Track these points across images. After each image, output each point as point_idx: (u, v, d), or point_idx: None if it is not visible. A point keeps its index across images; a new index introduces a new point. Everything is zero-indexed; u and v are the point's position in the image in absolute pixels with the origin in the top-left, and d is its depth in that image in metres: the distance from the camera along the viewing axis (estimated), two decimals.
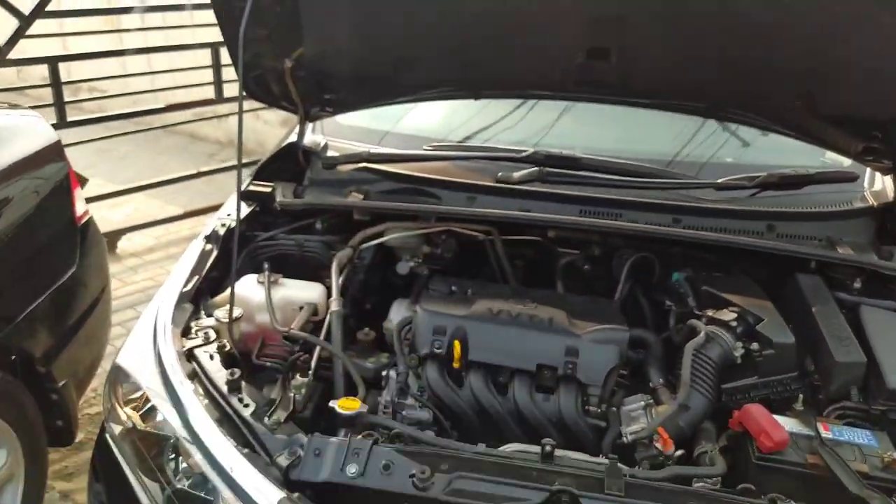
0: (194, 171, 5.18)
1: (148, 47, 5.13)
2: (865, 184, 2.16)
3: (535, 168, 2.07)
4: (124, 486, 1.53)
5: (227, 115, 5.73)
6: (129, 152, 6.28)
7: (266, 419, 1.44)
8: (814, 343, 1.72)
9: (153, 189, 5.10)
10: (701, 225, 1.98)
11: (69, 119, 4.27)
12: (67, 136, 4.32)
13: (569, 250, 2.19)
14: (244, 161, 1.78)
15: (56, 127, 4.21)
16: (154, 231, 5.02)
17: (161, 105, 5.03)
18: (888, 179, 2.09)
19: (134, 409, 1.58)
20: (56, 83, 4.16)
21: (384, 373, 1.75)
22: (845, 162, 2.20)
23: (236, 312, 1.71)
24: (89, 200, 4.35)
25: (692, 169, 2.21)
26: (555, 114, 2.46)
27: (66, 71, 4.41)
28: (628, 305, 2.13)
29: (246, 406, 1.46)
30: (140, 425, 1.56)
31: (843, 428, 1.55)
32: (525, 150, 2.14)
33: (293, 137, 2.24)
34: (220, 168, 5.34)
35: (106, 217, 4.55)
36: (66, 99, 4.28)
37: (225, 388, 1.50)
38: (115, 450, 1.58)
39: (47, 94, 4.28)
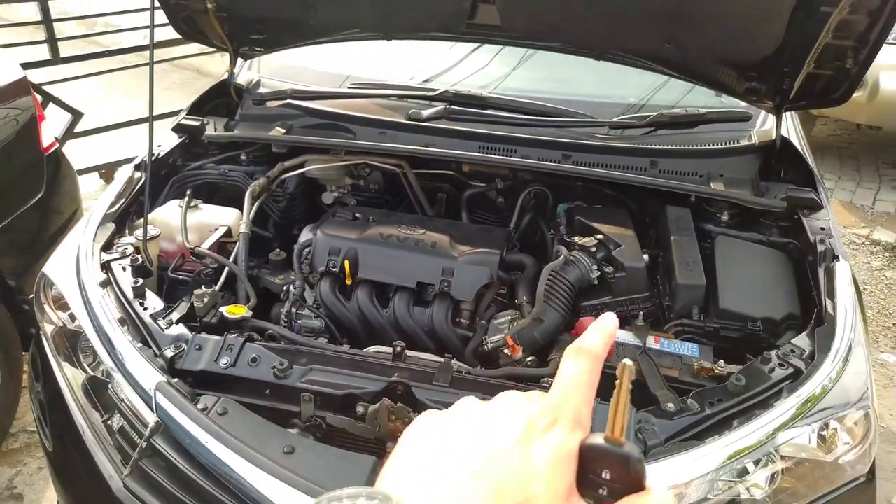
0: None
1: None
2: (758, 124, 2.28)
3: (442, 106, 2.24)
4: (52, 378, 1.81)
5: None
6: (137, 88, 6.51)
7: (161, 320, 1.69)
8: (667, 267, 1.90)
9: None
10: (589, 161, 2.14)
11: (62, 56, 4.48)
12: (66, 71, 4.58)
13: (477, 183, 2.37)
14: None
15: (50, 63, 4.46)
16: None
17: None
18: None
19: (61, 310, 1.85)
20: (47, 19, 4.34)
21: (284, 287, 1.99)
22: (743, 103, 2.31)
23: (154, 232, 1.95)
24: (85, 134, 4.66)
25: (593, 109, 2.34)
26: (488, 56, 2.61)
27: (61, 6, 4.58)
28: (530, 235, 2.33)
29: (145, 309, 1.71)
30: (69, 324, 1.82)
31: (675, 342, 1.75)
32: (438, 90, 2.31)
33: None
34: None
35: (109, 148, 4.83)
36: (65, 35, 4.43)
37: (130, 294, 1.74)
38: (46, 346, 1.85)
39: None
